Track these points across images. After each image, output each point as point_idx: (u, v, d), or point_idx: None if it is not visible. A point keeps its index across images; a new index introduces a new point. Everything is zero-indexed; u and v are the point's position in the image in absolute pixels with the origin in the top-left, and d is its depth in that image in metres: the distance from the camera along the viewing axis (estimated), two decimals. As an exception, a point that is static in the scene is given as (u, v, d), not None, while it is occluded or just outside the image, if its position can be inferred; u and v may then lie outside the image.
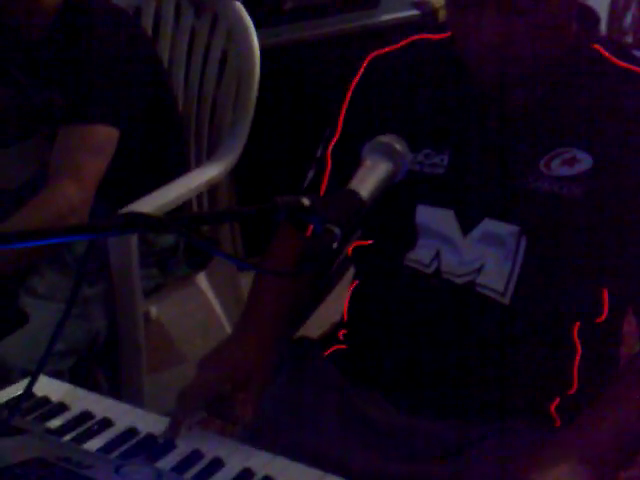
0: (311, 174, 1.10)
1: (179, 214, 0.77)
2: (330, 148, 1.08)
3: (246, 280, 1.47)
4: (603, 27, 2.57)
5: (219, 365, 0.98)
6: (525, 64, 0.93)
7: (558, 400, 0.98)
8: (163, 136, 1.58)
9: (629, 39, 2.96)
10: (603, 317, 0.98)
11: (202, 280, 1.74)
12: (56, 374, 1.12)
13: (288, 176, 1.14)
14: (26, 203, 1.37)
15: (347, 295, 1.11)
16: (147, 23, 1.72)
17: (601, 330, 0.99)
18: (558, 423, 0.98)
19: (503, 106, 0.98)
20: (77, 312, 1.42)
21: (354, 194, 0.80)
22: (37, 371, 0.77)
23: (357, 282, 1.11)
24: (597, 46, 0.97)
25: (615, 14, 2.93)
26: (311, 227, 1.04)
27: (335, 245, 0.77)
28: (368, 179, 0.81)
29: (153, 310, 2.04)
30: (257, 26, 1.65)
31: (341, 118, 1.07)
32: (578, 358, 0.98)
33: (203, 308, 1.82)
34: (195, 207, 1.68)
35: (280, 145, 2.05)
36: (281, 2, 2.12)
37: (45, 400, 0.95)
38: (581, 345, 0.97)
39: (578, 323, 0.97)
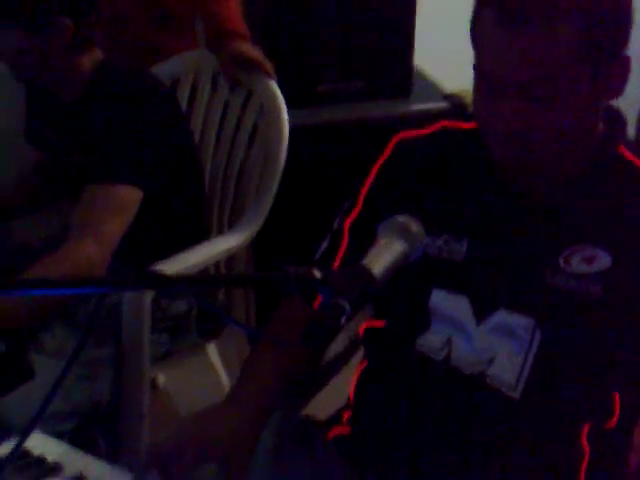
0: (325, 245, 1.11)
1: (190, 275, 0.77)
2: (348, 223, 1.09)
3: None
4: (633, 130, 2.60)
5: (199, 436, 0.97)
6: (547, 156, 0.94)
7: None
8: (186, 201, 1.60)
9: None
10: (614, 422, 0.96)
11: (212, 350, 1.73)
12: (57, 435, 1.10)
13: (307, 249, 1.15)
14: (45, 256, 1.38)
15: (354, 375, 1.10)
16: (184, 94, 1.77)
17: (611, 435, 0.96)
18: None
19: (525, 198, 0.99)
20: (82, 373, 1.41)
21: (366, 271, 0.80)
22: (28, 428, 0.76)
23: (365, 363, 1.09)
24: (622, 148, 0.98)
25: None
26: (319, 299, 1.04)
27: (343, 320, 0.76)
28: (381, 257, 0.81)
29: (161, 378, 2.03)
30: (290, 105, 1.69)
31: (362, 194, 1.08)
32: (585, 463, 0.95)
33: (211, 380, 1.80)
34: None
35: (301, 219, 2.07)
36: (315, 85, 2.18)
37: (40, 459, 0.94)
38: (589, 449, 0.95)
39: (587, 426, 0.95)
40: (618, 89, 0.94)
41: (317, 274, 0.78)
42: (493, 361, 0.95)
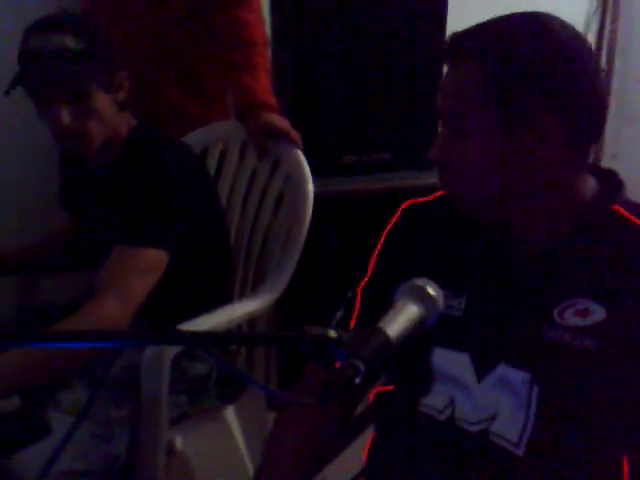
0: (340, 314, 1.13)
1: (207, 331, 0.79)
2: (359, 289, 1.12)
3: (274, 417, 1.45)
4: None
5: None
6: (508, 208, 0.98)
7: None
8: (211, 265, 1.62)
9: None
10: None
11: (230, 414, 1.72)
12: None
13: (328, 316, 1.17)
14: (68, 315, 1.41)
15: (367, 443, 1.10)
16: (212, 162, 1.83)
17: None
18: None
19: (513, 254, 1.01)
20: (99, 432, 1.41)
21: (382, 332, 0.81)
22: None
23: (375, 432, 1.10)
24: (618, 207, 1.00)
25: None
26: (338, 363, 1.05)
27: (358, 381, 0.77)
28: (397, 320, 0.83)
29: (178, 440, 2.02)
30: (316, 174, 1.73)
31: (372, 260, 1.12)
32: None
33: (228, 445, 1.78)
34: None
35: (323, 286, 2.09)
36: (341, 155, 2.24)
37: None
38: None
39: None
40: (546, 155, 0.95)
41: (332, 334, 0.79)
42: (496, 418, 0.95)
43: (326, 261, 2.16)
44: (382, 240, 1.13)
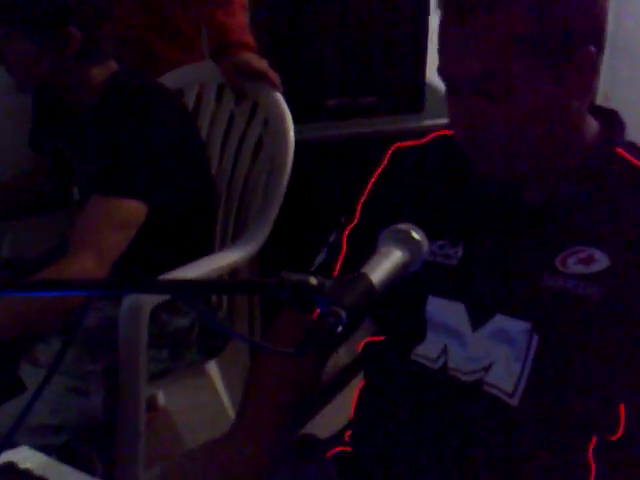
0: (320, 259, 1.11)
1: (181, 279, 0.76)
2: (346, 233, 1.10)
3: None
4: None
5: (208, 466, 0.96)
6: (523, 159, 0.94)
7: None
8: (194, 215, 1.59)
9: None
10: (618, 434, 0.93)
11: (213, 369, 1.72)
12: (45, 449, 1.10)
13: (311, 263, 1.15)
14: (42, 270, 1.38)
15: (355, 395, 1.09)
16: (188, 106, 1.77)
17: (618, 449, 0.94)
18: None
19: (514, 202, 0.99)
20: (74, 386, 1.39)
21: (365, 278, 0.78)
22: (7, 437, 0.75)
23: (364, 382, 1.09)
24: (620, 149, 0.98)
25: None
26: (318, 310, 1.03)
27: (340, 329, 0.75)
28: (381, 265, 0.80)
29: (160, 396, 2.02)
30: (297, 120, 1.69)
31: (360, 205, 1.10)
32: (592, 478, 0.93)
33: (212, 399, 1.78)
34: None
35: (306, 234, 2.07)
36: (323, 99, 2.19)
37: (26, 473, 0.93)
38: (595, 465, 0.93)
39: (593, 439, 0.93)
40: (584, 86, 0.92)
41: (313, 281, 0.76)
42: (490, 368, 0.95)
43: (309, 209, 2.13)
44: (370, 185, 1.09)
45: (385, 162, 1.10)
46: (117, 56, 1.55)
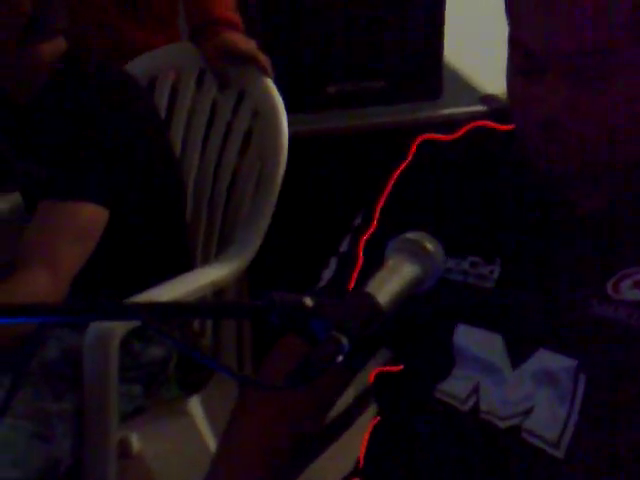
0: (329, 273, 1.10)
1: (154, 302, 0.77)
2: (363, 242, 1.08)
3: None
4: None
5: None
6: (598, 158, 0.93)
7: None
8: (164, 225, 1.61)
9: None
10: None
11: (195, 406, 1.72)
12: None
13: (310, 281, 1.15)
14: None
15: (366, 434, 1.09)
16: (163, 95, 1.80)
17: None
18: None
19: (570, 212, 0.98)
20: (37, 431, 1.40)
21: (370, 298, 0.79)
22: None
23: (378, 419, 1.08)
24: None
25: None
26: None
27: (340, 359, 0.76)
28: (388, 282, 0.80)
29: (134, 440, 2.02)
30: (293, 109, 1.71)
31: (378, 208, 1.08)
32: None
33: (194, 444, 1.79)
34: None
35: (304, 245, 2.08)
36: (324, 85, 2.20)
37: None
38: None
39: None
40: None
41: (309, 302, 0.77)
42: (531, 412, 0.94)
43: (308, 214, 2.14)
44: (392, 183, 1.08)
45: (410, 157, 1.08)
46: (77, 40, 1.56)
